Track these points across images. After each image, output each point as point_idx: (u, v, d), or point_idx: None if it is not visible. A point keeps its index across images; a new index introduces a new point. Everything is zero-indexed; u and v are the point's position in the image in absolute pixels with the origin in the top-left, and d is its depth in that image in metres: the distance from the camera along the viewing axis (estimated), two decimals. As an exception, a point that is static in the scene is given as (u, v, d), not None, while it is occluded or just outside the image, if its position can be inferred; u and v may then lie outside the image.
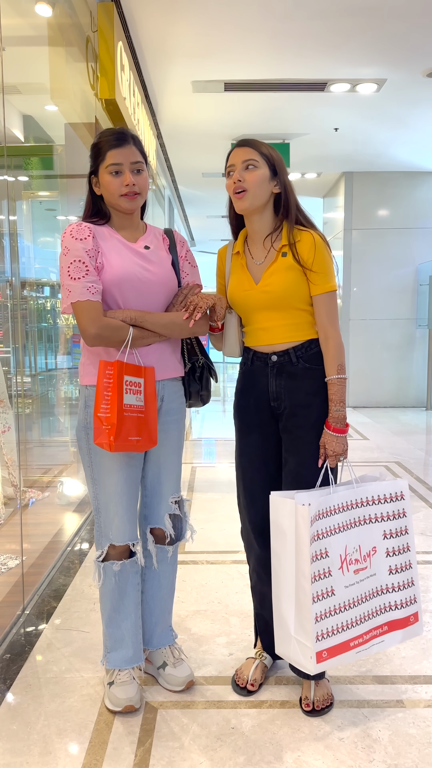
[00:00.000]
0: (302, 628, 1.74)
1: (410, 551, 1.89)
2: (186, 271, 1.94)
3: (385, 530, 1.85)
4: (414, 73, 4.74)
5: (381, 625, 1.85)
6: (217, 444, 5.96)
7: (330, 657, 1.75)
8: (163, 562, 2.02)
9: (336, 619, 1.76)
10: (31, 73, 3.40)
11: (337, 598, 1.76)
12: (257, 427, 1.95)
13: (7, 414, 3.48)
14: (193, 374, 2.00)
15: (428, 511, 3.81)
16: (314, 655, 1.72)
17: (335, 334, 1.83)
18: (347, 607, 1.78)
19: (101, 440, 1.73)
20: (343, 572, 1.77)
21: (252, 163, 1.82)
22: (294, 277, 1.81)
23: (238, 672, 2.05)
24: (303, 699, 1.92)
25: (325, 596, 1.74)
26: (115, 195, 1.80)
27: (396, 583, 1.87)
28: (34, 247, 4.78)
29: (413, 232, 8.03)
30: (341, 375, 1.83)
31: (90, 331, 1.72)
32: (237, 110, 5.55)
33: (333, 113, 5.64)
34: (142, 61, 4.52)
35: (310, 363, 1.86)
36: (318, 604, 1.72)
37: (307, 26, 4.01)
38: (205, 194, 8.96)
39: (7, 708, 1.93)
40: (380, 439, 6.03)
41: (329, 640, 1.74)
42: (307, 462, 1.85)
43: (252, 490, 1.98)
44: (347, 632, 1.78)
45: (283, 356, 1.87)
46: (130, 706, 1.88)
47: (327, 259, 1.82)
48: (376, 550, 1.84)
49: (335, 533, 1.76)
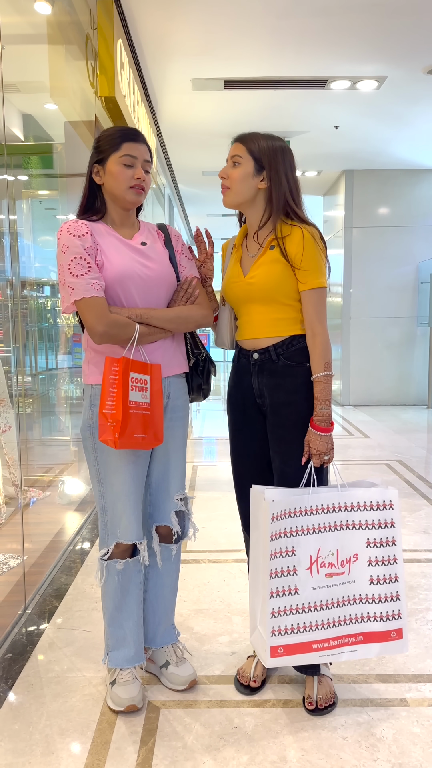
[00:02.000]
0: (263, 621, 1.75)
1: (397, 564, 1.81)
2: (183, 264, 1.94)
3: (369, 538, 1.80)
4: (414, 70, 4.72)
5: (354, 634, 1.81)
6: (218, 442, 5.96)
7: (287, 654, 1.74)
8: (167, 561, 2.02)
9: (297, 618, 1.74)
10: (30, 72, 3.39)
11: (300, 597, 1.74)
12: (246, 424, 1.96)
13: (7, 413, 3.47)
14: (196, 368, 2.00)
15: (430, 509, 3.81)
16: (268, 648, 1.72)
17: (323, 332, 1.82)
18: (312, 608, 1.76)
19: (106, 437, 1.72)
20: (312, 573, 1.75)
21: (237, 159, 1.84)
22: (279, 271, 1.80)
23: (240, 671, 2.05)
24: (306, 698, 1.91)
25: (286, 594, 1.73)
26: (123, 186, 1.79)
27: (377, 594, 1.81)
28: (34, 247, 4.77)
29: (414, 230, 8.02)
30: (327, 372, 1.80)
31: (98, 328, 1.70)
32: (237, 108, 5.54)
33: (333, 111, 5.63)
34: (142, 58, 4.51)
35: (291, 360, 1.84)
36: (276, 599, 1.72)
37: (307, 23, 4.00)
38: (205, 193, 8.95)
39: (9, 708, 1.92)
40: (381, 438, 6.02)
41: (287, 638, 1.74)
42: (290, 460, 1.84)
43: (242, 485, 1.99)
44: (310, 633, 1.76)
45: (264, 354, 1.86)
46: (133, 706, 1.87)
47: (316, 255, 1.79)
48: (357, 558, 1.79)
49: (307, 533, 1.74)
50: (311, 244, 1.79)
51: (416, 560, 3.03)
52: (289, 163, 1.85)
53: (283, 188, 1.83)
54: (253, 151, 1.82)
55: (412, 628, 2.38)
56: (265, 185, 1.84)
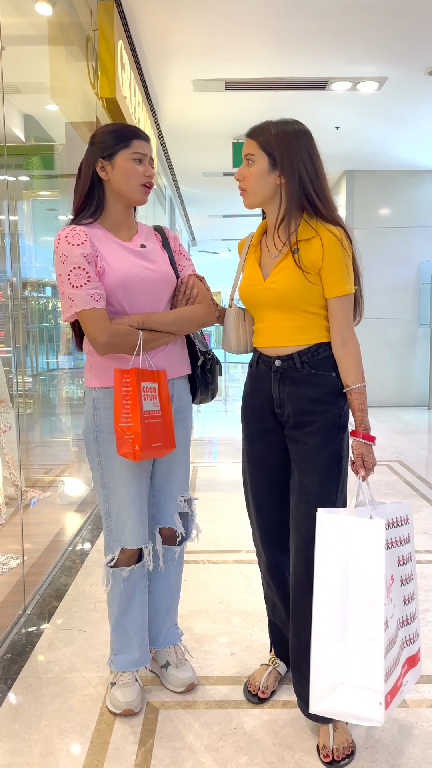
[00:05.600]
0: (366, 670, 1.46)
1: (414, 580, 1.68)
2: (182, 264, 1.92)
3: (399, 557, 1.63)
4: (415, 71, 4.72)
5: (405, 662, 1.64)
6: (218, 443, 5.96)
7: (391, 701, 1.48)
8: (170, 563, 2.01)
9: (391, 654, 1.52)
10: (31, 73, 3.39)
11: (390, 630, 1.52)
12: (263, 433, 1.84)
13: (8, 414, 3.47)
14: (203, 367, 1.97)
15: (430, 510, 3.80)
16: (383, 699, 1.43)
17: (354, 340, 1.70)
18: (394, 641, 1.56)
19: (125, 450, 1.69)
20: (389, 601, 1.53)
21: (249, 157, 1.71)
22: (303, 277, 1.67)
23: (250, 678, 2.00)
24: (320, 747, 1.71)
25: (386, 627, 1.49)
26: (134, 183, 1.76)
27: (409, 614, 1.66)
28: (35, 247, 4.77)
29: (415, 231, 8.01)
30: (364, 383, 1.69)
31: (100, 339, 1.67)
32: (238, 109, 5.54)
33: (334, 112, 5.63)
34: (143, 59, 4.52)
35: (316, 369, 1.72)
36: (385, 633, 1.47)
37: (307, 24, 4.00)
38: (207, 193, 8.95)
39: (8, 708, 1.92)
40: (382, 438, 6.02)
41: (389, 681, 1.49)
42: (312, 473, 1.72)
43: (258, 498, 1.90)
44: (396, 670, 1.56)
45: (287, 361, 1.74)
46: (129, 710, 1.87)
47: (340, 259, 1.65)
48: (394, 579, 1.59)
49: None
50: (334, 248, 1.64)
51: (417, 561, 3.02)
52: (306, 149, 1.68)
53: (297, 180, 1.67)
54: (264, 145, 1.68)
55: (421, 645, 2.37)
56: (282, 180, 1.69)
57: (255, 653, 2.22)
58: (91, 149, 1.79)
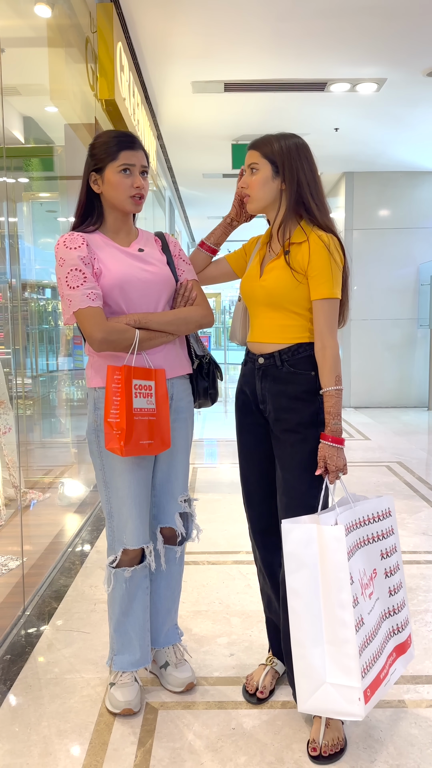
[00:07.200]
0: (343, 669, 1.54)
1: (400, 569, 1.79)
2: (182, 268, 1.94)
3: (382, 550, 1.73)
4: (414, 72, 4.73)
5: (391, 652, 1.72)
6: (218, 444, 5.96)
7: (372, 695, 1.56)
8: (171, 563, 2.02)
9: (369, 650, 1.59)
10: (30, 75, 3.39)
11: (366, 627, 1.59)
12: (252, 426, 1.93)
13: (7, 415, 3.48)
14: (200, 371, 2.00)
15: (429, 511, 3.80)
16: (362, 695, 1.51)
17: (333, 344, 1.74)
18: (373, 635, 1.61)
19: (112, 445, 1.72)
20: (365, 598, 1.61)
21: (254, 166, 1.80)
22: (289, 277, 1.75)
23: (248, 678, 2.01)
24: (310, 741, 1.74)
25: (360, 626, 1.56)
26: (123, 195, 1.79)
27: (395, 604, 1.75)
28: (34, 249, 4.78)
29: (414, 232, 8.02)
30: (338, 386, 1.73)
31: (96, 336, 1.70)
32: (237, 111, 5.55)
33: (333, 113, 5.64)
34: (142, 61, 4.53)
35: (295, 367, 1.79)
36: (358, 634, 1.54)
37: (307, 26, 4.01)
38: (206, 195, 8.97)
39: (7, 709, 1.92)
40: (382, 439, 6.02)
41: (368, 676, 1.57)
42: (291, 468, 1.79)
43: (248, 489, 1.99)
44: (377, 663, 1.62)
45: (269, 359, 1.82)
46: (128, 710, 1.87)
47: (326, 264, 1.71)
48: (377, 572, 1.70)
49: (351, 556, 1.60)
50: (321, 252, 1.71)
51: (416, 562, 3.03)
52: (306, 160, 1.80)
53: (296, 187, 1.78)
54: (267, 154, 1.78)
55: (412, 629, 2.37)
56: (284, 187, 1.80)
57: (254, 654, 2.22)
58: (87, 160, 1.84)
